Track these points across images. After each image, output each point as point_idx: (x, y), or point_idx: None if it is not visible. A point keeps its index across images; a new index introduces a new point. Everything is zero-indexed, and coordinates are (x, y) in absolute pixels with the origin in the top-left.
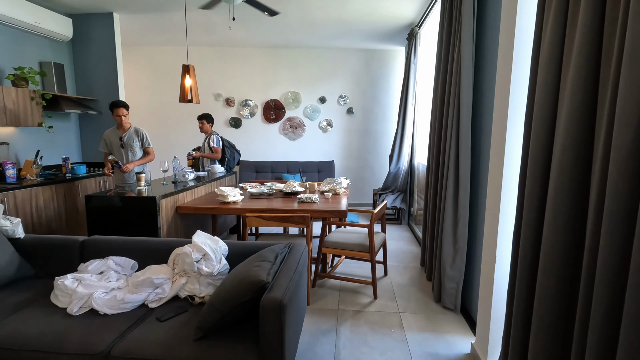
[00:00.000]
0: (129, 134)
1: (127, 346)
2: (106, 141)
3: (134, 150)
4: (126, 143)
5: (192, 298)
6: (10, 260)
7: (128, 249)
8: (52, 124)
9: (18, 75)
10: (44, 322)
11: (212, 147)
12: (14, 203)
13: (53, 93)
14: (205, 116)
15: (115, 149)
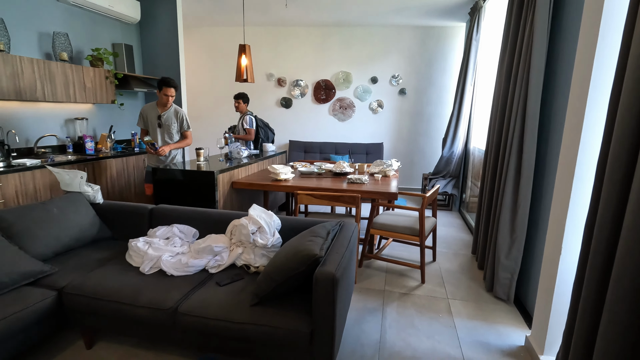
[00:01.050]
0: (168, 114)
1: (191, 305)
2: (143, 117)
3: (170, 132)
4: (164, 123)
5: (248, 267)
6: (92, 222)
7: (190, 218)
8: (123, 102)
9: (95, 56)
10: (121, 278)
11: (246, 128)
12: (92, 173)
13: (124, 72)
14: (242, 95)
15: (152, 127)
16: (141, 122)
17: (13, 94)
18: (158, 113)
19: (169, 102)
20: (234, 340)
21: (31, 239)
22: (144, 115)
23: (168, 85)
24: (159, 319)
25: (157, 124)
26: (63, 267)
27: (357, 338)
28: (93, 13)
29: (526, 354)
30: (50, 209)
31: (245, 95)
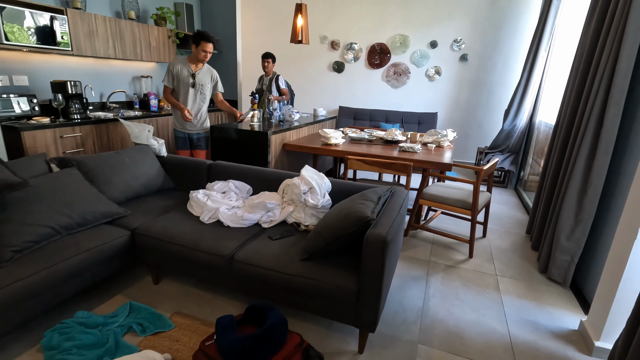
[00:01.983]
0: (202, 72)
1: (246, 254)
2: (173, 74)
3: (204, 93)
4: (197, 82)
5: (298, 225)
6: (158, 173)
7: (244, 175)
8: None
9: (159, 15)
10: (184, 224)
11: (282, 89)
12: (155, 128)
13: (184, 32)
14: (272, 55)
15: (183, 86)
16: (169, 80)
17: (90, 50)
18: (191, 71)
19: (206, 58)
20: (283, 290)
21: (107, 184)
22: (173, 71)
23: (207, 40)
24: (216, 264)
25: (190, 83)
26: (134, 211)
27: (400, 303)
28: None
29: (579, 338)
30: (123, 158)
31: (274, 56)
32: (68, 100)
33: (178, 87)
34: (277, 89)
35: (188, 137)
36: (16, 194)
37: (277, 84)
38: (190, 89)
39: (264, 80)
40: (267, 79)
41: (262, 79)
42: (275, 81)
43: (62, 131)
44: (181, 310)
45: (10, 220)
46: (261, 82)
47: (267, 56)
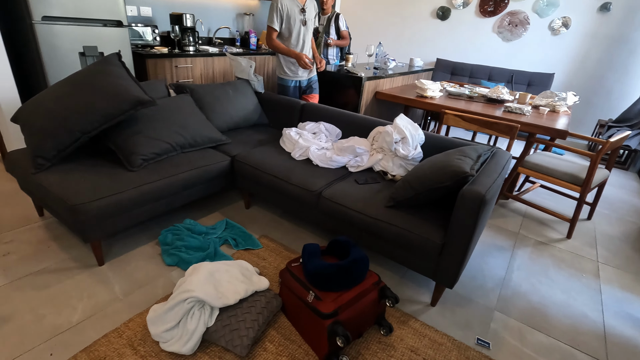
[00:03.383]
0: (308, 4)
1: (333, 192)
2: (281, 12)
3: (311, 30)
4: (307, 18)
5: (385, 173)
6: (255, 108)
7: (335, 118)
8: None
9: None
10: (276, 158)
11: (343, 31)
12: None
13: None
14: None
15: (295, 25)
16: (277, 20)
17: None
18: (300, 4)
19: None
20: (365, 232)
21: (213, 112)
22: (282, 9)
23: None
24: (304, 198)
25: (301, 20)
26: (233, 140)
27: (480, 268)
28: None
29: None
30: (227, 90)
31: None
32: (183, 32)
33: (287, 28)
34: (337, 31)
35: (299, 84)
36: (145, 111)
37: (337, 24)
38: (301, 28)
39: (320, 19)
40: (324, 18)
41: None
42: (335, 21)
43: (177, 61)
44: (268, 234)
45: (140, 133)
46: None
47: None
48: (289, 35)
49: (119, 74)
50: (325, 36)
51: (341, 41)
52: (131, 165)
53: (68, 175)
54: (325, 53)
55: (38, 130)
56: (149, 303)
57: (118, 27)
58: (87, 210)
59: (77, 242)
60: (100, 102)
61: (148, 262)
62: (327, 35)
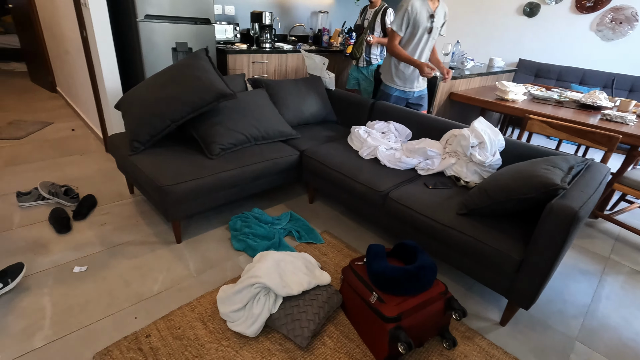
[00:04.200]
0: (438, 10)
1: (400, 194)
2: (410, 16)
3: (434, 39)
4: (434, 26)
5: (457, 179)
6: (325, 104)
7: (406, 118)
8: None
9: None
10: (344, 155)
11: (388, 27)
12: None
13: None
14: None
15: (418, 32)
16: (403, 25)
17: None
18: (430, 10)
19: None
20: (433, 239)
21: (285, 107)
22: (411, 14)
23: None
24: (371, 198)
25: (427, 27)
26: (303, 135)
27: (560, 292)
28: None
29: None
30: (300, 86)
31: None
32: (261, 30)
33: (409, 33)
34: (382, 28)
35: (405, 95)
36: (225, 103)
37: (384, 20)
38: (424, 36)
39: (366, 14)
40: (371, 12)
41: (364, 11)
42: (382, 16)
43: (254, 57)
44: (329, 230)
45: (220, 123)
46: (363, 15)
47: None
48: (410, 41)
49: (206, 68)
50: (369, 32)
51: (385, 39)
52: (211, 153)
53: (158, 159)
54: (368, 52)
55: (136, 117)
56: (218, 283)
57: (206, 25)
58: (172, 191)
59: (159, 220)
60: (189, 94)
61: (219, 245)
62: (372, 31)
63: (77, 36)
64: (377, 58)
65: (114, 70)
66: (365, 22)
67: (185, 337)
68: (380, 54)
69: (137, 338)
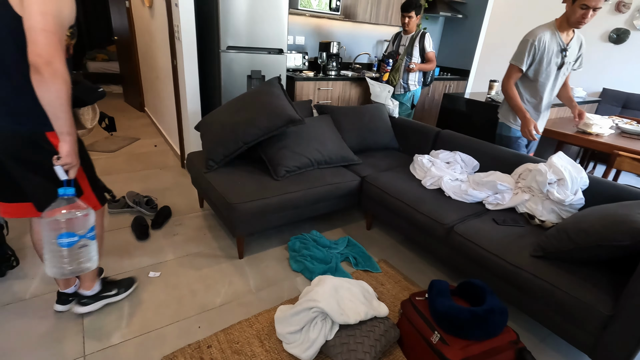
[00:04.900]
0: (572, 43)
1: (466, 229)
2: (536, 50)
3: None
4: (567, 60)
5: (531, 217)
6: (387, 132)
7: (473, 149)
8: (426, 26)
9: None
10: (405, 184)
11: (428, 52)
12: None
13: None
14: (416, 5)
15: (546, 68)
16: (527, 59)
17: (352, 15)
18: (562, 43)
19: (585, 20)
20: (503, 280)
21: (347, 133)
22: (538, 48)
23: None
24: (433, 230)
25: (556, 63)
26: (364, 161)
27: None
28: None
29: None
30: (363, 113)
31: (419, 5)
32: (328, 58)
33: (534, 70)
34: (421, 53)
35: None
36: (293, 128)
37: (422, 44)
38: (553, 72)
39: (401, 39)
40: (406, 38)
41: (398, 37)
42: (420, 41)
43: (320, 84)
44: (387, 259)
45: (287, 147)
46: (396, 41)
47: (409, 6)
48: (534, 78)
49: (278, 95)
50: (407, 59)
51: (426, 65)
52: (277, 175)
53: (229, 177)
54: (406, 78)
55: (212, 138)
56: (276, 302)
57: (279, 55)
58: (240, 209)
59: (224, 235)
60: (261, 118)
61: (277, 264)
62: (409, 57)
63: (168, 64)
64: (415, 85)
65: (196, 95)
66: (401, 49)
67: (243, 352)
68: (418, 81)
69: (199, 347)
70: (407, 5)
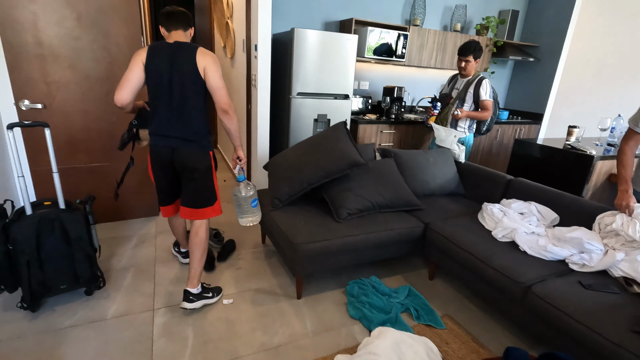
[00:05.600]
0: None
1: (547, 291)
2: None
3: None
4: None
5: (629, 283)
6: (453, 177)
7: (551, 200)
8: (494, 70)
9: (483, 25)
10: (474, 234)
11: (483, 100)
12: None
13: (503, 40)
14: (476, 48)
15: None
16: None
17: (417, 61)
18: None
19: None
20: (593, 356)
21: (410, 177)
22: None
23: None
24: (506, 288)
25: None
26: (428, 207)
27: None
28: None
29: None
30: (428, 157)
31: (479, 48)
32: (391, 102)
33: None
34: (475, 100)
35: None
36: (356, 170)
37: (477, 91)
38: None
39: (456, 83)
40: (461, 82)
41: (454, 79)
42: (476, 87)
43: (382, 127)
44: (452, 315)
45: (349, 189)
46: (451, 84)
47: (468, 50)
48: None
49: (343, 139)
50: (459, 104)
51: (479, 113)
52: (338, 217)
53: (292, 217)
54: (454, 124)
55: (279, 178)
56: (333, 349)
57: (344, 100)
58: (303, 249)
59: (284, 272)
60: (326, 161)
61: (335, 308)
62: (461, 103)
63: (242, 108)
64: (464, 132)
65: (266, 136)
66: (454, 92)
67: None
68: (469, 128)
69: None
70: (465, 49)
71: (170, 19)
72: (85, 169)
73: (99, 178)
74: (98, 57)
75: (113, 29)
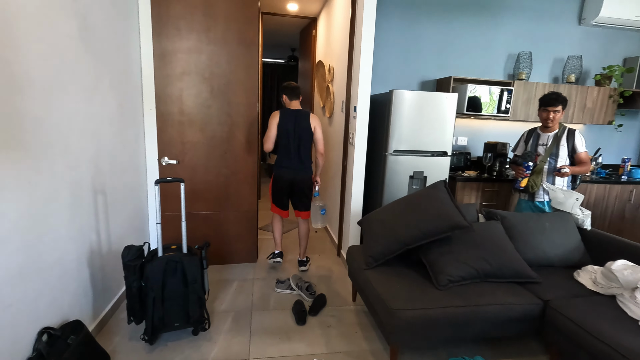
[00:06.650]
0: None
1: None
2: None
3: None
4: None
5: None
6: (576, 246)
7: None
8: (622, 122)
9: (604, 75)
10: (614, 321)
11: (580, 153)
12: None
13: (632, 90)
14: (564, 98)
15: None
16: None
17: (522, 116)
18: None
19: None
20: None
21: (524, 244)
22: None
23: None
24: None
25: None
26: (545, 280)
27: None
28: (610, 29)
29: None
30: (543, 222)
31: (564, 99)
32: (494, 159)
33: None
34: (570, 154)
35: None
36: (457, 233)
37: (573, 143)
38: None
39: (539, 138)
40: (547, 136)
41: (533, 135)
42: (568, 139)
43: (484, 185)
44: None
45: (450, 252)
46: (531, 140)
47: (555, 102)
48: None
49: (444, 199)
50: (551, 160)
51: (580, 167)
52: (438, 284)
53: (387, 278)
54: (551, 181)
55: (374, 236)
56: None
57: (442, 157)
58: (401, 317)
59: (376, 337)
60: (424, 221)
61: None
62: (554, 158)
63: (338, 164)
64: (563, 187)
65: (360, 192)
66: (540, 148)
67: None
68: (567, 184)
69: None
70: (554, 99)
71: (293, 92)
72: (202, 216)
73: (211, 224)
74: (222, 121)
75: (236, 98)
